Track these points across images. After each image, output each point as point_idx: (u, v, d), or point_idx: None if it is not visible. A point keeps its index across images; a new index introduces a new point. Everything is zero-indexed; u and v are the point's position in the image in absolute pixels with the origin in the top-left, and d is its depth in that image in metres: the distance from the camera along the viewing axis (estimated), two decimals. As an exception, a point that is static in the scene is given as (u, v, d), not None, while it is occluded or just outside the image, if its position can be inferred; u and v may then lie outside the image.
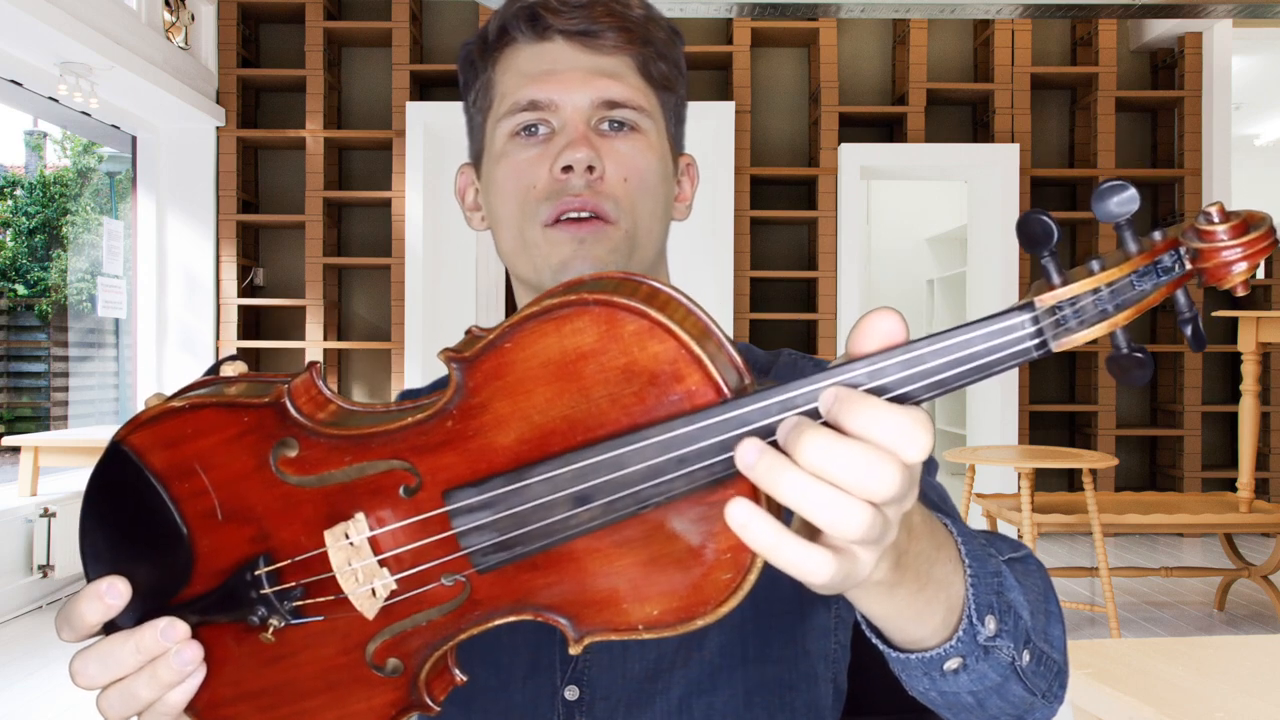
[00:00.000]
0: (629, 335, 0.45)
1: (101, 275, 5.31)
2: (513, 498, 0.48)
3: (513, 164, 0.80)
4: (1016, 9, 4.18)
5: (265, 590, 0.53)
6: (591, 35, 0.79)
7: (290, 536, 0.53)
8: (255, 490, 0.53)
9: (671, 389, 0.45)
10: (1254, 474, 3.71)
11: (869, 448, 0.42)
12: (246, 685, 0.56)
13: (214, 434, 0.53)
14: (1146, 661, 1.14)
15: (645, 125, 0.81)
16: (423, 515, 0.50)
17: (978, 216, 5.82)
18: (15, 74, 4.38)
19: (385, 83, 5.67)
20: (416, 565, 0.51)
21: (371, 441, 0.51)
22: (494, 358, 0.47)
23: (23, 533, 3.93)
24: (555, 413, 0.47)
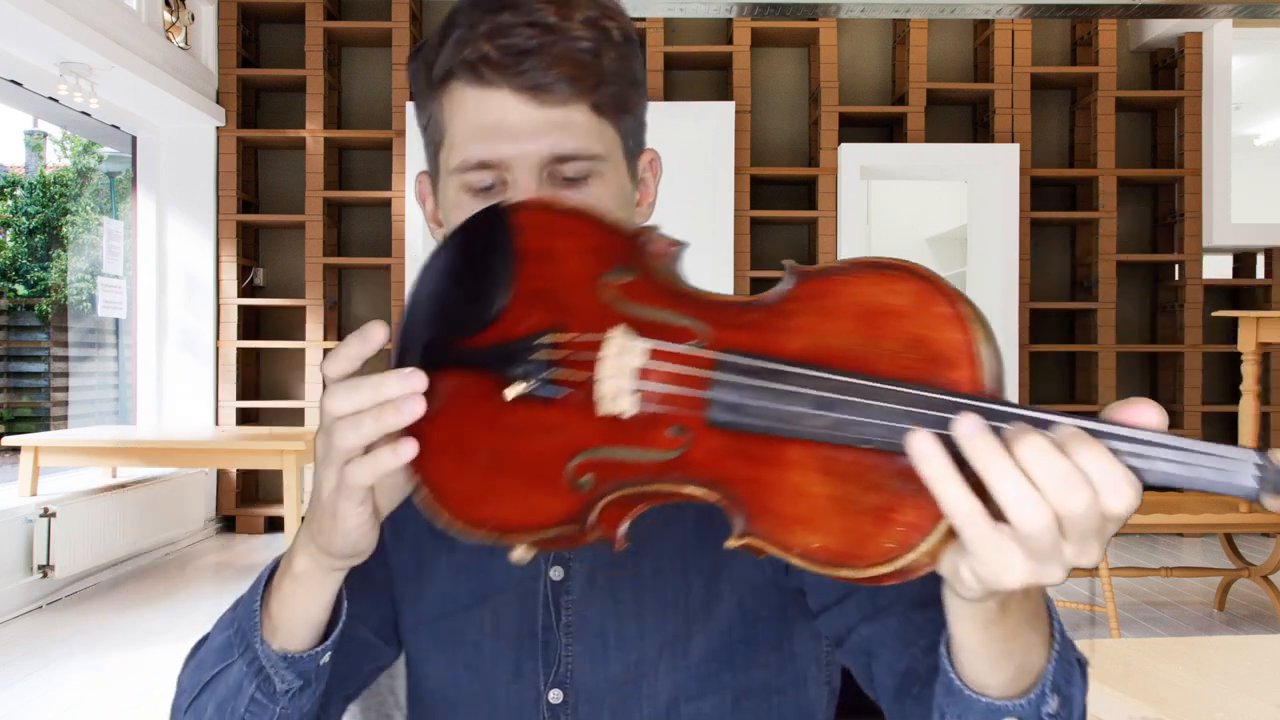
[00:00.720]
0: (935, 314, 0.52)
1: (101, 275, 5.31)
2: (773, 376, 0.53)
3: (465, 214, 0.76)
4: (1016, 9, 4.18)
5: (536, 355, 0.60)
6: (541, 88, 0.75)
7: (581, 329, 0.60)
8: (577, 292, 0.61)
9: (945, 373, 0.51)
10: (1254, 474, 3.71)
11: (1077, 470, 0.47)
12: (463, 439, 0.61)
13: (575, 238, 0.62)
14: (1146, 661, 1.14)
15: (601, 168, 0.78)
16: (694, 352, 0.56)
17: (978, 216, 5.82)
18: (15, 74, 4.38)
19: (385, 83, 5.67)
20: (664, 391, 0.56)
21: (690, 300, 0.58)
22: (824, 282, 0.54)
23: (23, 533, 3.93)
24: (844, 343, 0.53)
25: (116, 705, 2.91)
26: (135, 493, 4.59)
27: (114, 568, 4.52)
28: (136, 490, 4.60)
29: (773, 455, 0.53)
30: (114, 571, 4.51)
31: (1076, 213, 5.66)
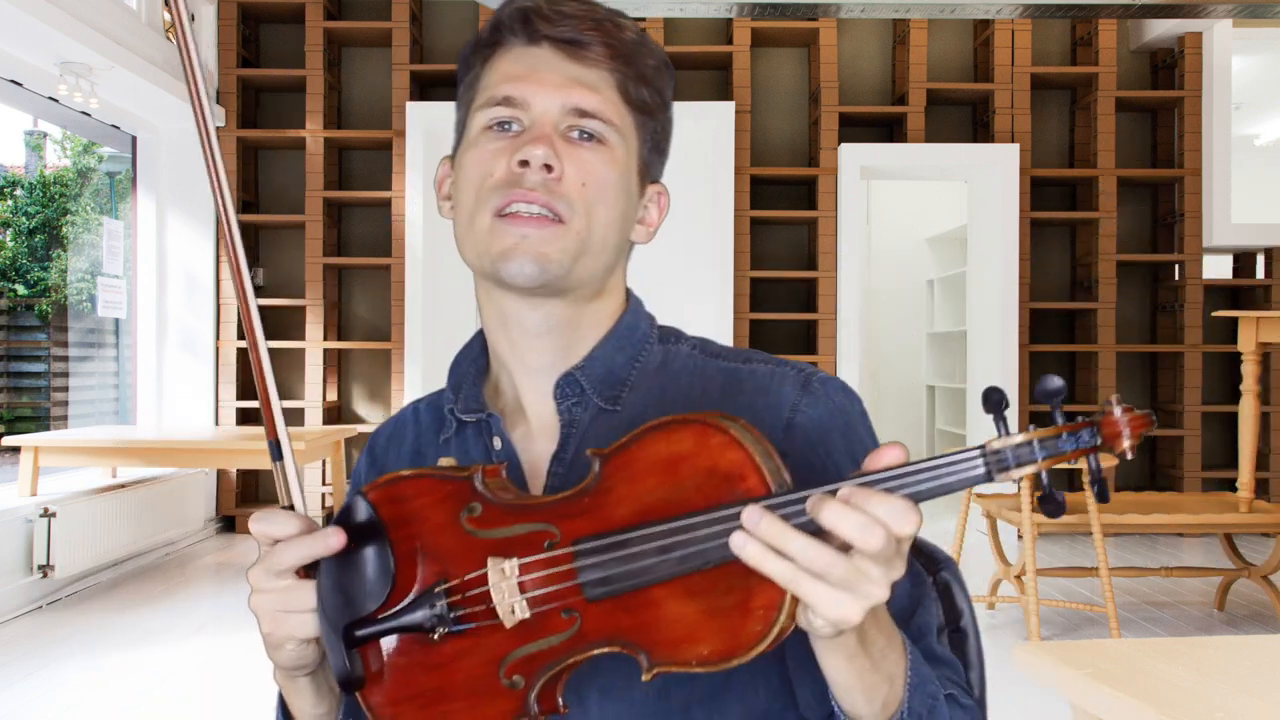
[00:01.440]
0: (714, 445, 0.65)
1: (101, 275, 5.31)
2: (618, 546, 0.66)
3: (479, 153, 0.82)
4: (1016, 9, 4.18)
5: (439, 605, 0.71)
6: (577, 45, 0.82)
7: (463, 572, 0.72)
8: (445, 538, 0.73)
9: (739, 485, 0.65)
10: (1254, 474, 3.71)
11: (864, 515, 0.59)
12: (413, 688, 0.73)
13: (426, 496, 0.73)
14: (1146, 661, 1.14)
15: (613, 140, 0.82)
16: (556, 553, 0.68)
17: (978, 216, 5.82)
18: (15, 74, 4.38)
19: (385, 83, 5.67)
20: (544, 591, 0.69)
21: (531, 510, 0.71)
22: (623, 456, 0.68)
23: (23, 533, 3.93)
24: (658, 495, 0.67)
25: (116, 705, 2.91)
26: (135, 493, 4.59)
27: (114, 568, 4.52)
28: (136, 490, 4.60)
29: (645, 600, 0.66)
30: (114, 571, 4.51)
31: (1076, 213, 5.66)
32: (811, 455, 0.81)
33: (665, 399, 0.85)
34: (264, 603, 0.74)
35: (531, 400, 0.87)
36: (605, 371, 0.86)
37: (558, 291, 0.82)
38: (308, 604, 0.74)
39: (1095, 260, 5.58)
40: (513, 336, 0.86)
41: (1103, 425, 0.63)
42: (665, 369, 0.87)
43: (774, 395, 0.83)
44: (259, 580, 0.74)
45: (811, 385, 0.84)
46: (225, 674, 3.20)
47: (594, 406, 0.85)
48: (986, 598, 3.66)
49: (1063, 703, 1.14)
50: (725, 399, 0.84)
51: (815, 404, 0.83)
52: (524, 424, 0.87)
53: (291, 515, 0.76)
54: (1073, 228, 5.89)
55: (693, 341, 0.90)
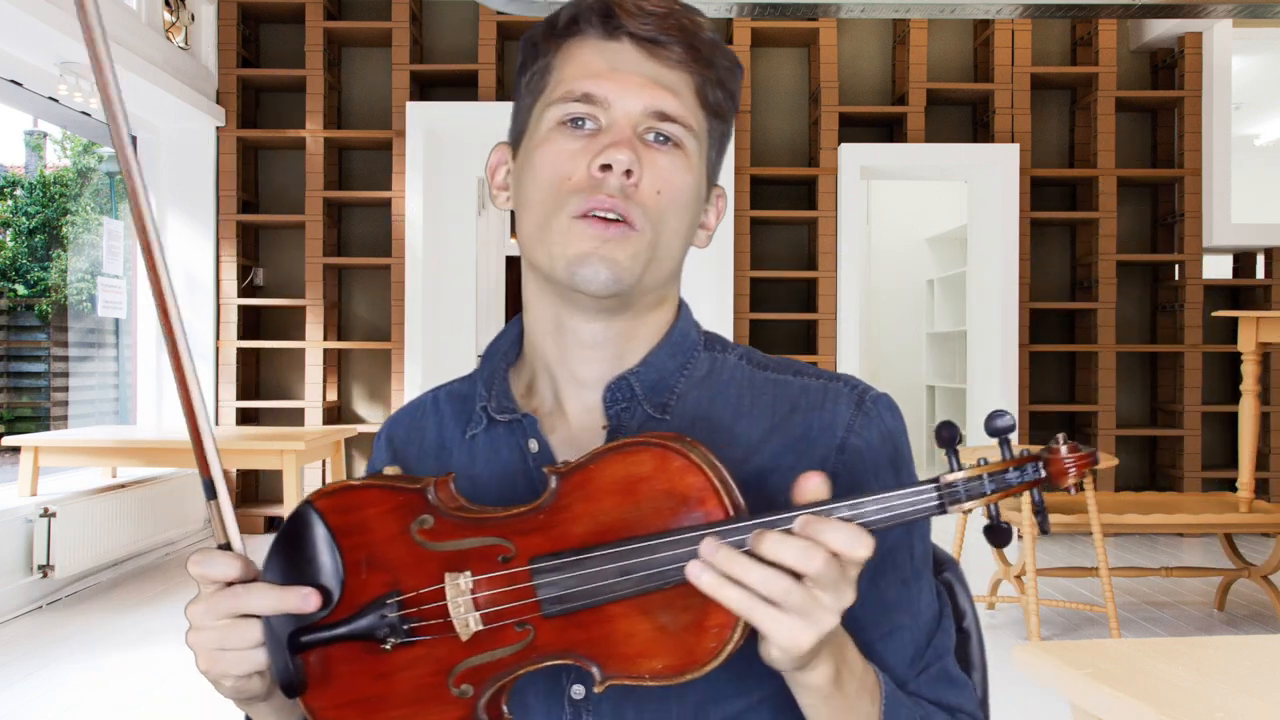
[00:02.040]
0: (674, 469, 0.66)
1: (101, 275, 5.31)
2: (577, 565, 0.67)
3: (553, 151, 0.80)
4: (1016, 9, 4.18)
5: (391, 616, 0.71)
6: (659, 44, 0.80)
7: (415, 583, 0.72)
8: (395, 549, 0.72)
9: (697, 508, 0.66)
10: (1254, 474, 3.71)
11: (811, 543, 0.62)
12: (357, 693, 0.73)
13: (375, 506, 0.73)
14: (1146, 661, 1.14)
15: (689, 145, 0.81)
16: (512, 571, 0.69)
17: (978, 216, 5.82)
18: (15, 74, 4.38)
19: (385, 83, 5.67)
20: (500, 608, 0.69)
21: (484, 524, 0.71)
22: (580, 475, 0.68)
23: (23, 533, 3.93)
24: (615, 515, 0.67)
25: (116, 705, 2.91)
26: (135, 493, 4.59)
27: (114, 568, 4.52)
28: (136, 490, 4.60)
29: (600, 616, 0.68)
30: (114, 571, 4.51)
31: (1076, 213, 5.66)
32: (862, 480, 0.81)
33: (714, 411, 0.84)
34: (203, 640, 0.73)
35: (575, 406, 0.86)
36: (657, 378, 0.85)
37: (625, 304, 0.81)
38: (245, 642, 0.73)
39: (1095, 260, 5.58)
40: (565, 345, 0.84)
41: (1050, 463, 0.65)
42: (713, 378, 0.86)
43: (829, 414, 0.82)
44: (200, 618, 0.73)
45: (865, 405, 0.83)
46: (225, 674, 3.20)
47: (643, 413, 0.84)
48: (986, 598, 3.66)
49: (1063, 703, 1.14)
50: (777, 415, 0.83)
51: (869, 425, 0.82)
52: (564, 427, 0.86)
53: (232, 557, 0.74)
54: (1073, 228, 5.89)
55: (739, 350, 0.89)
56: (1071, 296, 5.88)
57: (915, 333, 8.89)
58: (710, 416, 0.83)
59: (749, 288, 5.52)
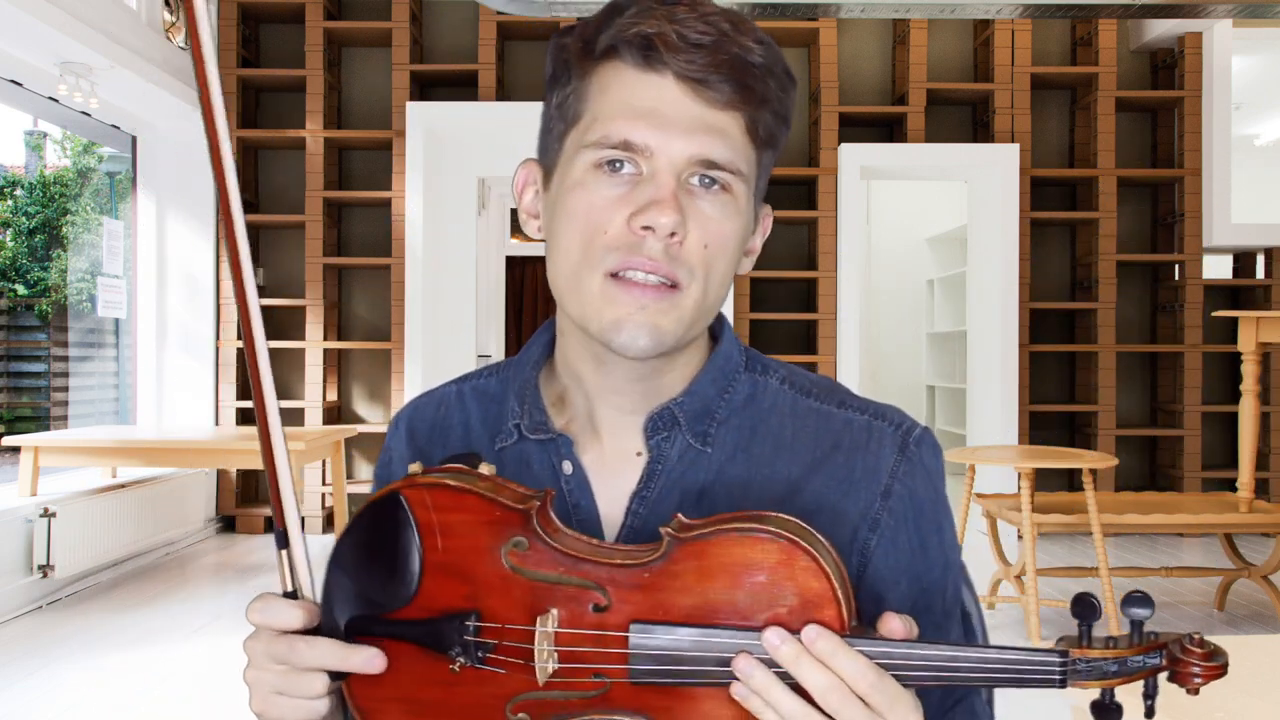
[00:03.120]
0: (799, 567, 0.64)
1: (101, 275, 5.31)
2: (678, 643, 0.65)
3: (588, 198, 0.74)
4: (1016, 9, 4.18)
5: (469, 638, 0.68)
6: (706, 84, 0.72)
7: (497, 606, 0.68)
8: (482, 563, 0.69)
9: (814, 613, 0.64)
10: (1254, 474, 3.71)
11: (829, 676, 0.62)
12: (407, 693, 0.70)
13: (469, 514, 0.69)
14: (1146, 661, 1.14)
15: (737, 188, 0.75)
16: (607, 632, 0.66)
17: (978, 216, 5.82)
18: (15, 74, 4.38)
19: (385, 83, 5.67)
20: (582, 665, 0.67)
21: (582, 564, 0.67)
22: (698, 545, 0.65)
23: (23, 533, 3.93)
24: (727, 598, 0.65)
25: (116, 705, 2.90)
26: (135, 493, 4.58)
27: (114, 568, 4.52)
28: (136, 490, 4.60)
29: (685, 691, 0.65)
30: (114, 571, 4.51)
31: (1076, 213, 5.66)
32: (902, 529, 0.80)
33: (755, 441, 0.81)
34: (261, 680, 0.71)
35: (610, 429, 0.82)
36: (700, 406, 0.81)
37: (667, 354, 0.78)
38: (306, 693, 0.70)
39: (1095, 260, 5.58)
40: (603, 374, 0.81)
41: (1179, 663, 0.62)
42: (754, 404, 0.83)
43: (873, 456, 0.80)
44: (259, 659, 0.71)
45: (909, 449, 0.81)
46: (225, 674, 3.20)
47: (683, 443, 0.81)
48: (986, 598, 3.66)
49: (1063, 703, 1.14)
50: (820, 450, 0.81)
51: (913, 472, 0.81)
52: (597, 448, 0.83)
53: (296, 606, 0.71)
54: (1073, 228, 5.88)
55: (781, 373, 0.86)
56: (1071, 296, 5.87)
57: (915, 333, 8.89)
58: (751, 449, 0.81)
59: (749, 288, 5.51)
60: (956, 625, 0.84)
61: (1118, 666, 0.63)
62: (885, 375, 8.72)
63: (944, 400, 8.57)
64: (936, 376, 8.60)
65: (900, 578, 0.79)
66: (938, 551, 0.81)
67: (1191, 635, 0.63)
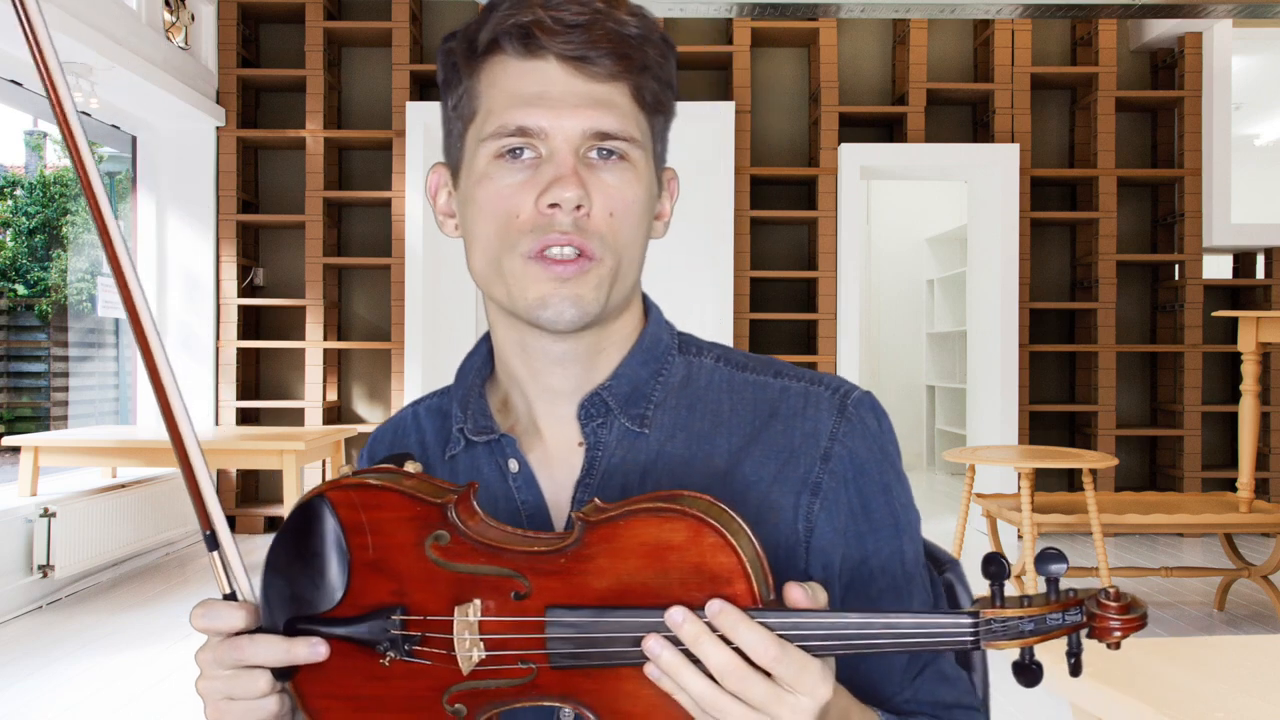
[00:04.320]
0: (707, 544, 0.64)
1: (101, 275, 5.31)
2: (593, 626, 0.66)
3: (495, 188, 0.77)
4: (1016, 9, 4.18)
5: (395, 632, 0.70)
6: (587, 60, 0.75)
7: (422, 599, 0.70)
8: (406, 559, 0.70)
9: (724, 588, 0.64)
10: (1254, 474, 3.71)
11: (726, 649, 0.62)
12: (347, 690, 0.73)
13: (391, 511, 0.71)
14: (1146, 661, 1.14)
15: (634, 155, 0.78)
16: (527, 617, 0.67)
17: (978, 216, 5.82)
18: (15, 74, 4.38)
19: (385, 83, 5.67)
20: (507, 651, 0.68)
21: (502, 553, 0.69)
22: (609, 528, 0.66)
23: (23, 533, 3.93)
24: (639, 578, 0.66)
25: (116, 705, 2.91)
26: (135, 493, 4.59)
27: (114, 568, 4.52)
28: (136, 490, 4.60)
29: (609, 673, 0.67)
30: (114, 571, 4.51)
31: (1076, 213, 5.66)
32: (843, 491, 0.80)
33: (694, 418, 0.82)
34: (211, 689, 0.73)
35: (549, 423, 0.84)
36: (631, 389, 0.83)
37: (592, 326, 0.80)
38: (251, 692, 0.72)
39: (1095, 260, 5.58)
40: (533, 364, 0.83)
41: (1096, 618, 0.62)
42: (690, 384, 0.84)
43: (810, 421, 0.81)
44: (209, 667, 0.73)
45: (847, 411, 0.81)
46: (225, 674, 3.20)
47: (620, 427, 0.82)
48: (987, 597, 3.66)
49: (1063, 703, 1.14)
50: (758, 420, 0.82)
51: (852, 433, 0.81)
52: (540, 446, 0.85)
53: (236, 607, 0.74)
54: (1073, 228, 5.89)
55: (715, 352, 0.87)
56: (1071, 296, 5.88)
57: (915, 333, 8.89)
58: (690, 427, 0.82)
59: (749, 288, 5.51)
60: (921, 590, 0.83)
61: (1034, 625, 0.62)
62: (885, 375, 8.72)
63: (944, 400, 8.58)
64: (936, 376, 8.61)
65: (841, 539, 0.79)
66: (884, 513, 0.81)
67: (1107, 590, 0.62)
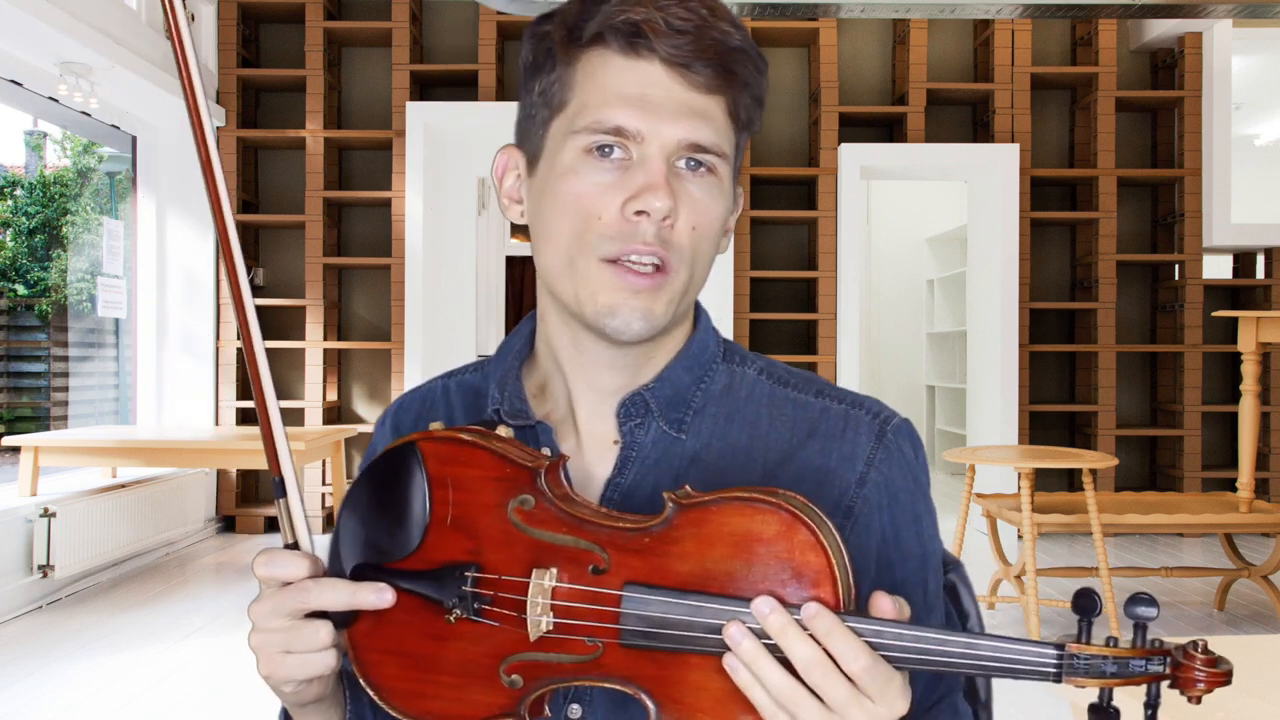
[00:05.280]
0: (799, 541, 0.63)
1: (101, 275, 5.31)
2: (670, 607, 0.65)
3: (579, 184, 0.75)
4: (1016, 9, 4.18)
5: (466, 589, 0.69)
6: (691, 69, 0.74)
7: (498, 560, 0.69)
8: (487, 519, 0.70)
9: (809, 589, 0.63)
10: (1254, 474, 3.71)
11: (815, 650, 0.62)
12: (404, 645, 0.71)
13: (479, 469, 0.71)
14: (1146, 661, 1.14)
15: (721, 170, 0.77)
16: (603, 590, 0.66)
17: (978, 216, 5.82)
18: (15, 74, 4.38)
19: (385, 83, 5.67)
20: (577, 621, 0.67)
21: (585, 525, 0.68)
22: (700, 512, 0.65)
23: (23, 533, 3.93)
24: (724, 567, 0.65)
25: (116, 705, 2.90)
26: (135, 493, 4.58)
27: (114, 568, 4.52)
28: (136, 490, 4.60)
29: (677, 660, 0.65)
30: (114, 571, 4.51)
31: (1076, 213, 5.66)
32: (875, 516, 0.79)
33: (731, 428, 0.82)
34: (267, 642, 0.71)
35: (587, 417, 0.83)
36: (673, 392, 0.82)
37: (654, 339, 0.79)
38: (311, 644, 0.71)
39: (1095, 260, 5.58)
40: (583, 361, 0.82)
41: (1181, 668, 0.61)
42: (731, 394, 0.84)
43: (849, 444, 0.80)
44: (263, 619, 0.71)
45: (886, 438, 0.81)
46: (225, 674, 3.20)
47: (657, 430, 0.81)
48: (987, 598, 3.66)
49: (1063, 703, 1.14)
50: (796, 438, 0.81)
51: (889, 460, 0.80)
52: (574, 438, 0.83)
53: (299, 555, 0.73)
54: (1073, 228, 5.89)
55: (759, 364, 0.86)
56: (1071, 296, 5.87)
57: (915, 333, 8.89)
58: (727, 437, 0.81)
59: (749, 288, 5.51)
60: (939, 621, 0.83)
61: (1117, 667, 0.61)
62: (885, 375, 8.72)
63: (944, 400, 8.57)
64: (936, 376, 8.60)
65: (870, 565, 0.79)
66: (914, 542, 0.81)
67: (1196, 641, 0.61)
